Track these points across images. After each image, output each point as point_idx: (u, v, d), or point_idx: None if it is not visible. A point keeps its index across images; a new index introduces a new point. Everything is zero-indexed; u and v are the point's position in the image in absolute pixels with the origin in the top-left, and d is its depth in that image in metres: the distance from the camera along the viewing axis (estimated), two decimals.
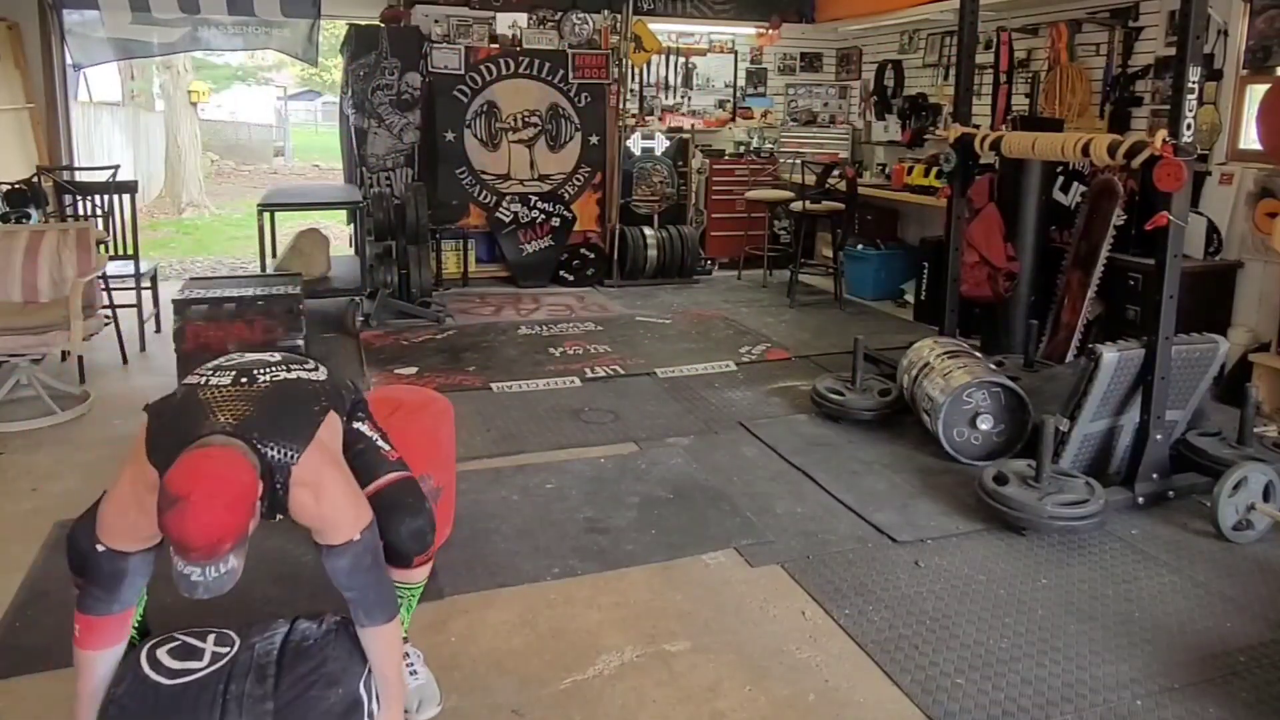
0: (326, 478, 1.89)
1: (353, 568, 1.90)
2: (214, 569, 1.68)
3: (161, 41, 6.61)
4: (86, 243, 4.42)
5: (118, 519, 1.85)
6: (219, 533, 1.65)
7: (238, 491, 1.70)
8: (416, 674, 2.28)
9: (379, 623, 1.93)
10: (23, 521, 3.15)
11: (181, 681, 1.84)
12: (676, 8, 7.71)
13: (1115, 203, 4.73)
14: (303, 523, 1.89)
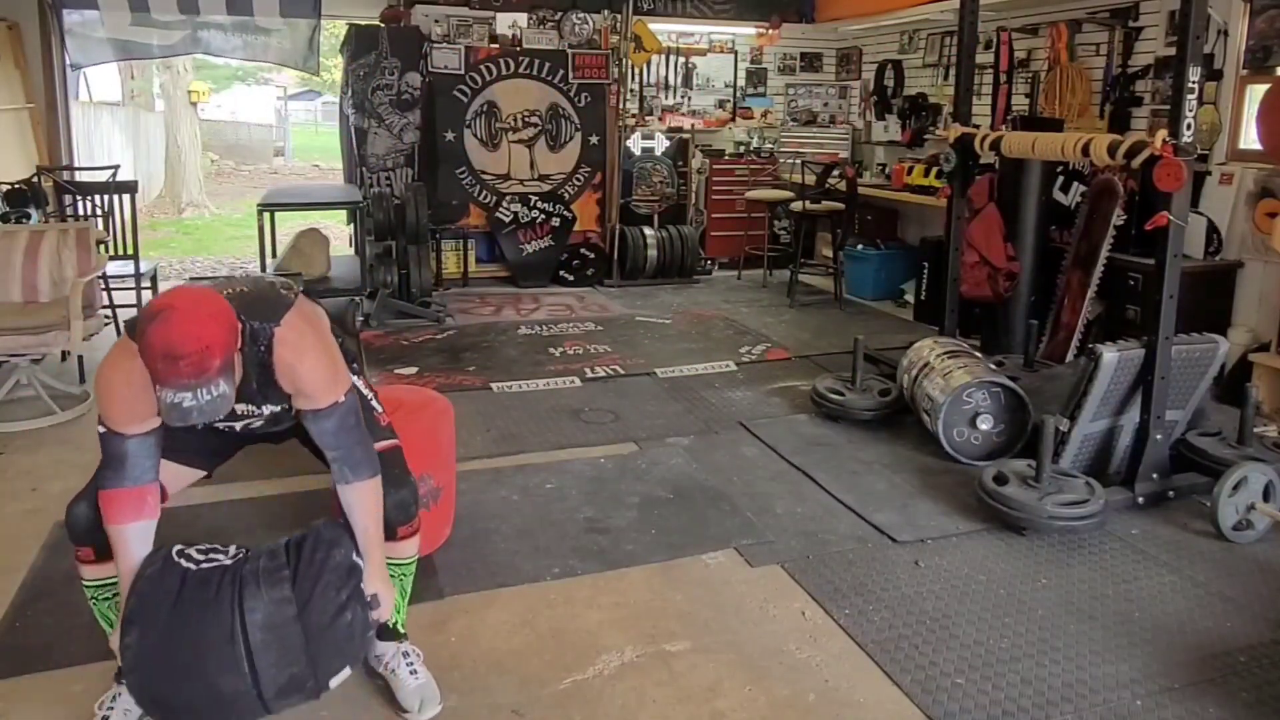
0: (309, 341, 1.99)
1: (338, 429, 2.02)
2: (205, 391, 1.69)
3: (161, 44, 6.61)
4: (86, 243, 4.42)
5: (110, 402, 1.92)
6: (205, 338, 1.67)
7: (220, 306, 1.77)
8: (417, 674, 2.28)
9: (363, 478, 2.06)
10: (23, 521, 3.15)
11: (206, 566, 1.96)
12: (676, 8, 7.71)
13: (1115, 203, 4.73)
14: (287, 387, 1.97)
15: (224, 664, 1.87)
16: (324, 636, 1.97)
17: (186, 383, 1.67)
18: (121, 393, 1.89)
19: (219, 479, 3.54)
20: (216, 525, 3.13)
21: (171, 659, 1.89)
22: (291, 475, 3.54)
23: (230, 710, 1.91)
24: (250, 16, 6.62)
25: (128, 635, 1.91)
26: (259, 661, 1.88)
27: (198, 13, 6.46)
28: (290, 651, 1.92)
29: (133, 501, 1.96)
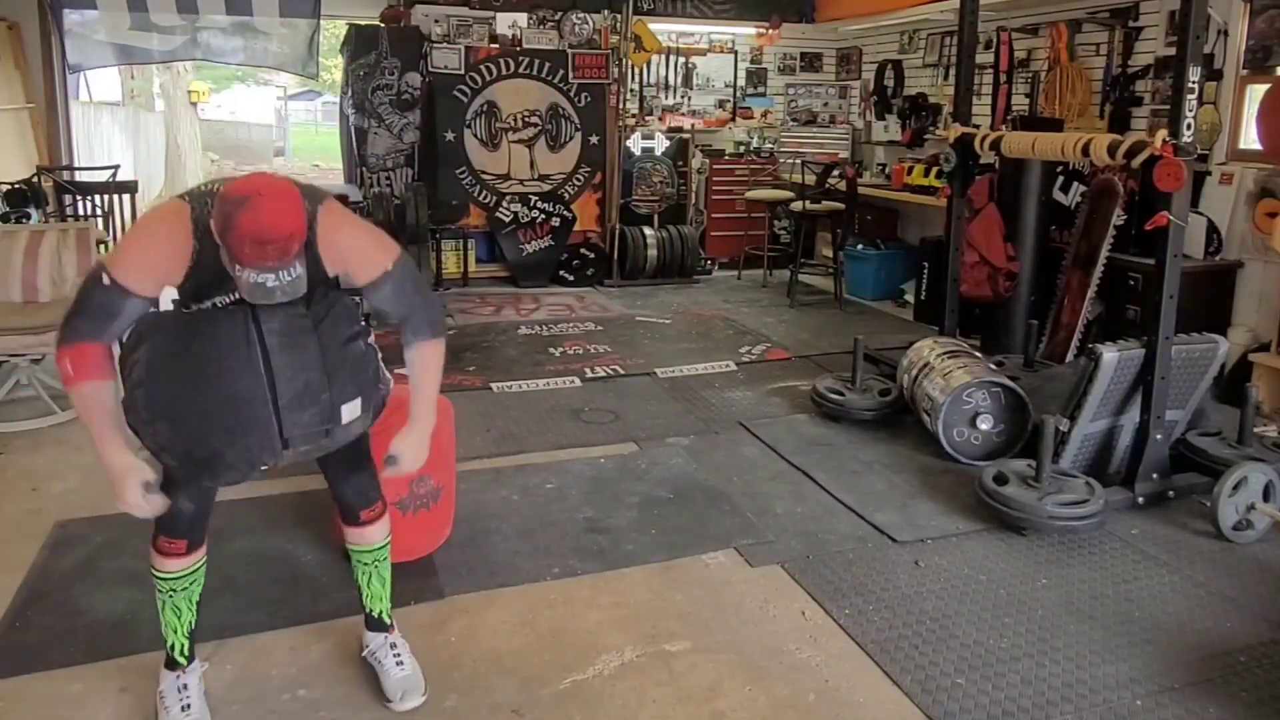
0: (349, 220, 2.03)
1: (396, 293, 2.08)
2: (286, 274, 1.77)
3: (161, 48, 6.60)
4: (86, 243, 4.42)
5: (136, 256, 1.88)
6: (291, 224, 1.76)
7: (297, 193, 1.83)
8: (403, 664, 2.30)
9: (425, 338, 2.17)
10: (23, 521, 3.15)
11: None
12: (676, 8, 7.71)
13: (1115, 203, 4.73)
14: (337, 266, 1.98)
15: (239, 364, 1.85)
16: (337, 355, 1.98)
17: (271, 265, 1.74)
18: (153, 252, 1.88)
19: None
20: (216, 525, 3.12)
21: (184, 364, 1.87)
22: (291, 475, 3.54)
23: (245, 412, 1.87)
24: (250, 16, 6.62)
25: (135, 352, 1.89)
26: (275, 362, 1.86)
27: (196, 12, 6.46)
28: (306, 358, 1.91)
29: (105, 357, 1.90)
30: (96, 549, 2.95)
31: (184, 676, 2.19)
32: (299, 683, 2.32)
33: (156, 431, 1.91)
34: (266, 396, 1.86)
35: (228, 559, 2.91)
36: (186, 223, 1.85)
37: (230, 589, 2.74)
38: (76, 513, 3.21)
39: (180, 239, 1.85)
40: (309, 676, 2.35)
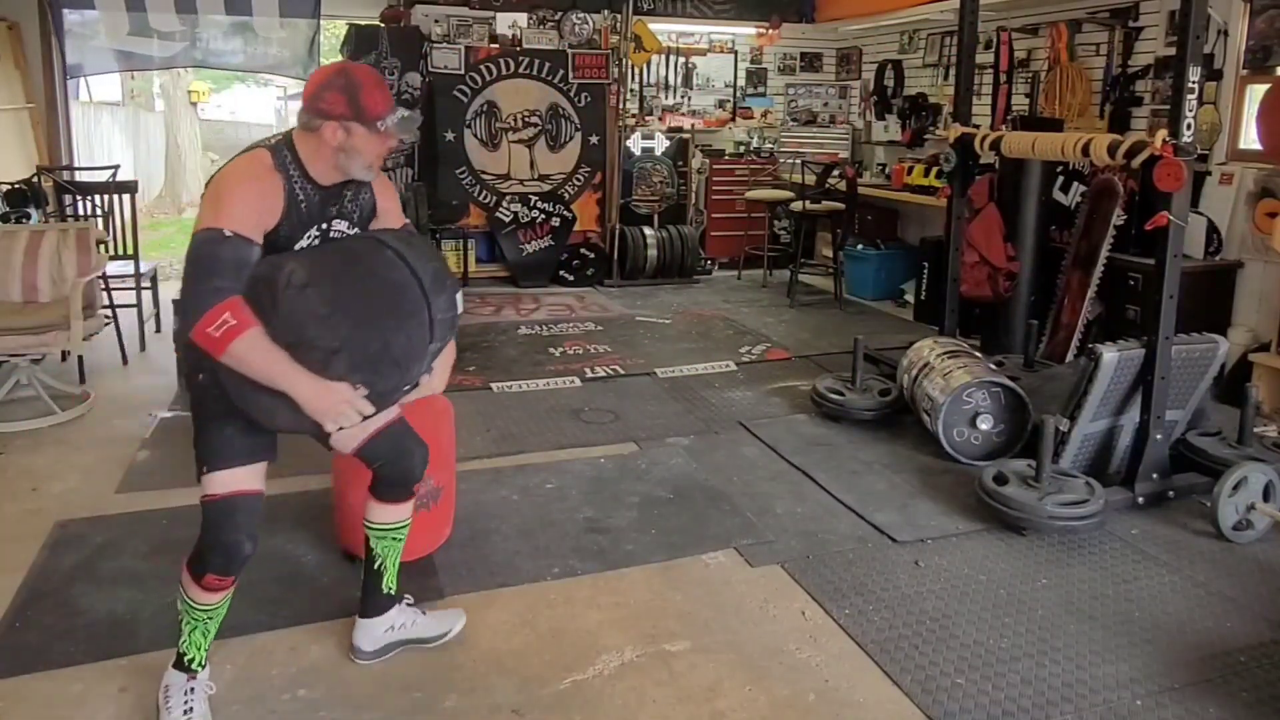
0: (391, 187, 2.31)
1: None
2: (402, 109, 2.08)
3: (161, 54, 6.60)
4: (86, 243, 4.41)
5: (245, 206, 1.93)
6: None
7: None
8: (426, 612, 2.47)
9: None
10: (23, 521, 3.15)
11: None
12: (676, 8, 7.71)
13: (1115, 203, 4.73)
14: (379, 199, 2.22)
15: (383, 259, 2.01)
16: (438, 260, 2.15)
17: (393, 102, 2.04)
18: (253, 198, 1.94)
19: None
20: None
21: (338, 266, 1.99)
22: (292, 475, 3.54)
23: (405, 296, 1.98)
24: (249, 17, 6.62)
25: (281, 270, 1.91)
26: (407, 255, 2.02)
27: (195, 12, 6.45)
28: (424, 248, 2.13)
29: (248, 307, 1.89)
30: (96, 549, 2.95)
31: (193, 682, 2.18)
32: (299, 683, 2.32)
33: (336, 325, 1.91)
34: (414, 281, 1.99)
35: None
36: (271, 167, 1.98)
37: None
38: (76, 513, 3.21)
39: (271, 181, 1.97)
40: (309, 676, 2.35)
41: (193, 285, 1.88)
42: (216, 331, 1.84)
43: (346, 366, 1.92)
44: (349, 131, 2.00)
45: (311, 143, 2.03)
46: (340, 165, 2.05)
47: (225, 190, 1.95)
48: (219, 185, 1.97)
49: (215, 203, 1.93)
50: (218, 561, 2.04)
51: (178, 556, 2.87)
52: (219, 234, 1.88)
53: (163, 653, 2.40)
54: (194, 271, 1.89)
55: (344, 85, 1.99)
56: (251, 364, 1.88)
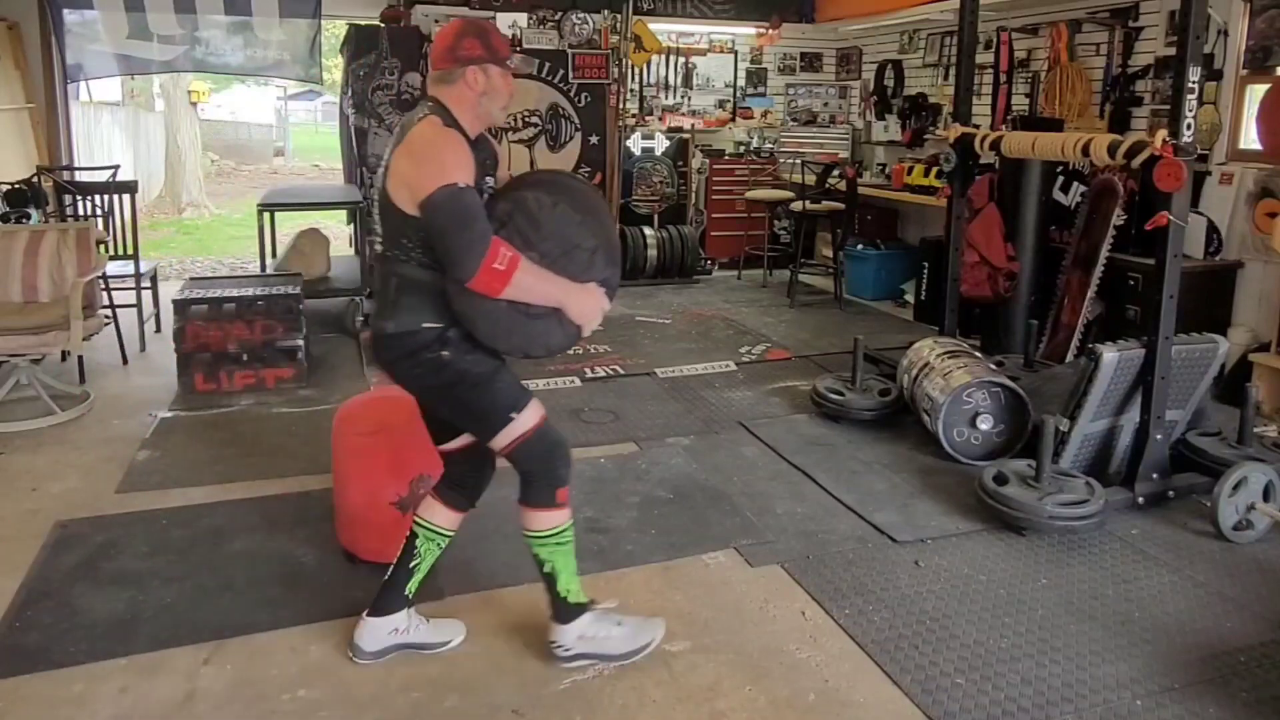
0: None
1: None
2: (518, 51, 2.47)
3: (161, 58, 6.59)
4: (86, 243, 4.42)
5: (459, 160, 2.10)
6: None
7: None
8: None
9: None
10: (23, 521, 3.15)
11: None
12: (676, 8, 7.71)
13: (1115, 203, 4.73)
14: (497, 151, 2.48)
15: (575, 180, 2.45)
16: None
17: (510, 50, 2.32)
18: (462, 154, 2.12)
19: (219, 479, 3.55)
20: (216, 525, 3.14)
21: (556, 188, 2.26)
22: (292, 475, 3.55)
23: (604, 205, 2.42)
24: (249, 16, 6.62)
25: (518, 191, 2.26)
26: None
27: (194, 12, 6.45)
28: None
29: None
30: (96, 549, 2.95)
31: (592, 608, 2.41)
32: (299, 683, 2.32)
33: (590, 227, 2.22)
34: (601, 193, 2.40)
35: (228, 559, 2.91)
36: (447, 126, 2.15)
37: (230, 589, 2.74)
38: (76, 513, 3.21)
39: (459, 138, 2.15)
40: (309, 676, 2.35)
41: (457, 236, 2.03)
42: (501, 265, 2.04)
43: (604, 261, 2.23)
44: (488, 74, 2.22)
45: (456, 94, 2.21)
46: (482, 111, 2.26)
47: (435, 153, 2.10)
48: (426, 152, 2.10)
49: (434, 165, 2.07)
50: (564, 471, 2.31)
51: (178, 556, 2.90)
52: (456, 187, 2.05)
53: (164, 652, 2.41)
54: (453, 224, 2.04)
55: (476, 31, 2.22)
56: (531, 286, 2.11)
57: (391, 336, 2.21)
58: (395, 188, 2.14)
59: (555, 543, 2.34)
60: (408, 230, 2.15)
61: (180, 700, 2.24)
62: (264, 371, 4.54)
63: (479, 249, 2.02)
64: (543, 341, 2.21)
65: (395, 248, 2.20)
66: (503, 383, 2.24)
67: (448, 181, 2.04)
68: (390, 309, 2.21)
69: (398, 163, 2.14)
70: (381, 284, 2.26)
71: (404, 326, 2.19)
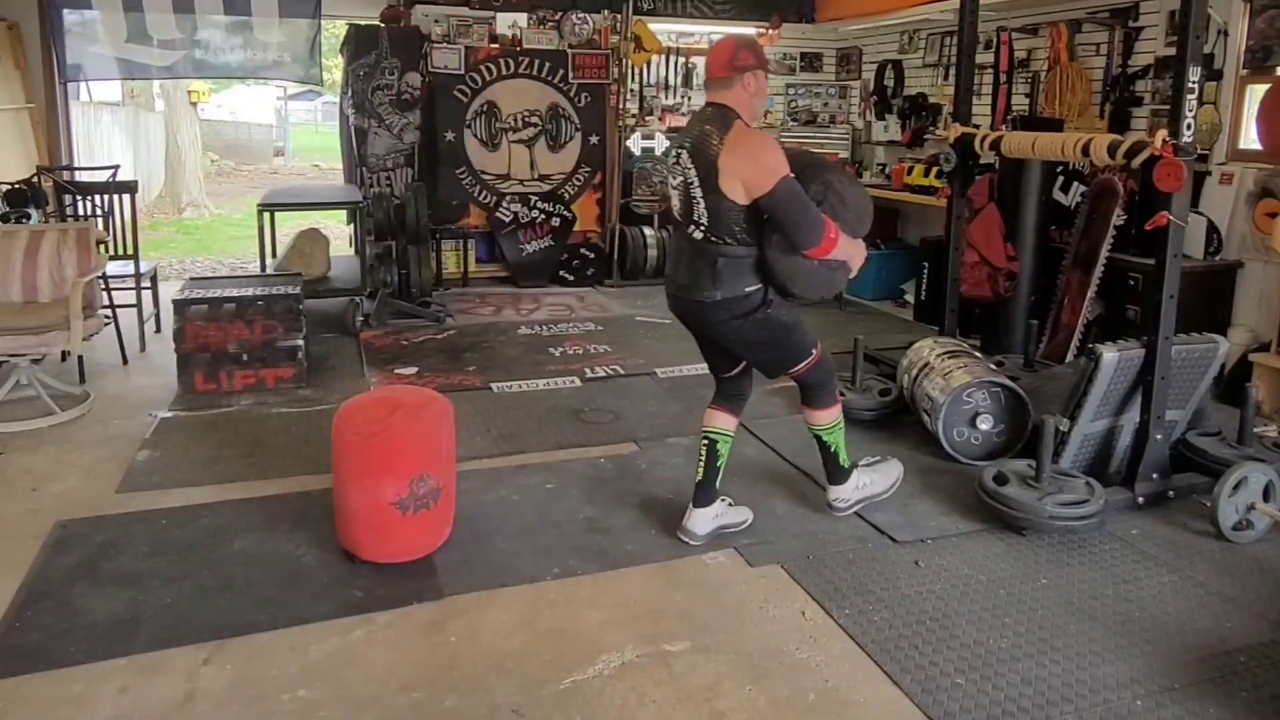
0: None
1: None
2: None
3: (160, 64, 6.59)
4: (86, 243, 4.42)
5: (781, 156, 2.72)
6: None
7: None
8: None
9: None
10: (23, 521, 3.15)
11: None
12: (676, 8, 7.71)
13: (1115, 203, 4.73)
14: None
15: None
16: None
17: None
18: (780, 148, 2.76)
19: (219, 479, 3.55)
20: (216, 525, 3.14)
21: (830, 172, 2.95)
22: (292, 475, 3.55)
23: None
24: (249, 16, 6.62)
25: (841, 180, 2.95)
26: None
27: (194, 12, 6.45)
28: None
29: None
30: (96, 549, 2.95)
31: (859, 463, 3.27)
32: (299, 683, 2.32)
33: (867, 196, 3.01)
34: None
35: (228, 559, 2.91)
36: (761, 130, 2.60)
37: (230, 589, 2.74)
38: (76, 513, 3.21)
39: (772, 137, 2.87)
40: (309, 676, 2.35)
41: (802, 218, 2.69)
42: (834, 234, 2.74)
43: (867, 222, 2.97)
44: (758, 78, 2.78)
45: (735, 96, 2.78)
46: (754, 109, 2.84)
47: (766, 152, 2.70)
48: (758, 153, 2.70)
49: (769, 162, 2.68)
50: (833, 377, 3.09)
51: (178, 556, 2.90)
52: (790, 179, 2.67)
53: (164, 652, 2.41)
54: (799, 206, 2.69)
55: (748, 44, 2.81)
56: (842, 248, 2.80)
57: (719, 303, 2.84)
58: (729, 185, 2.69)
59: (837, 428, 3.13)
60: (737, 217, 2.74)
61: (180, 700, 2.24)
62: (264, 371, 4.55)
63: (819, 226, 2.69)
64: (835, 287, 2.99)
65: (721, 233, 2.77)
66: (803, 326, 2.99)
67: (784, 175, 2.66)
68: (712, 281, 2.81)
69: (730, 162, 2.68)
70: (697, 263, 2.84)
71: (730, 293, 2.81)
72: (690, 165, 2.76)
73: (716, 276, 2.79)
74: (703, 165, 2.72)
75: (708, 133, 2.72)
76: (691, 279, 2.86)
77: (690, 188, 2.77)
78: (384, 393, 3.31)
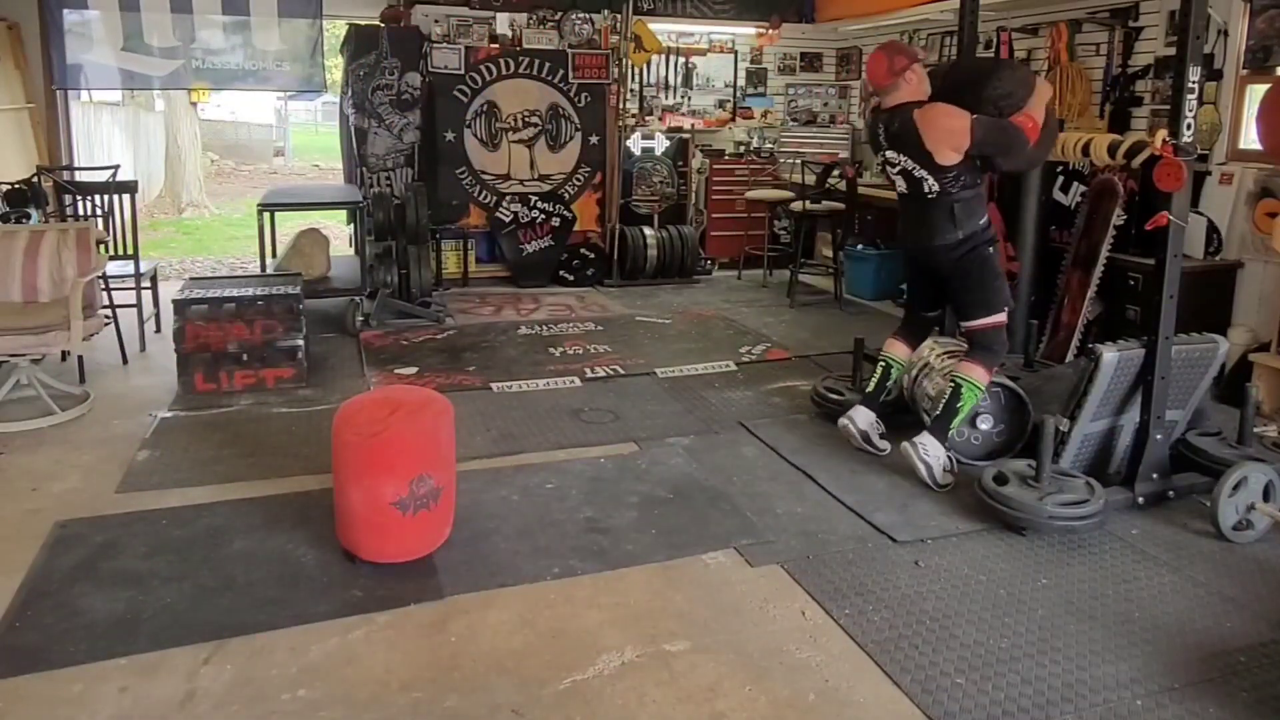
0: None
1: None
2: None
3: (160, 74, 6.59)
4: (86, 243, 4.42)
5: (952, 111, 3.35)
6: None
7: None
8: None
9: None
10: (23, 521, 3.15)
11: None
12: (676, 8, 7.71)
13: (1115, 203, 4.73)
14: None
15: None
16: None
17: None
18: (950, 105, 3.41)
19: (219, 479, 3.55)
20: (216, 525, 3.14)
21: None
22: (292, 475, 3.55)
23: None
24: (247, 16, 6.61)
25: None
26: None
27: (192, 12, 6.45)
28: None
29: None
30: (96, 549, 2.95)
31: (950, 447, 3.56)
32: (299, 683, 2.32)
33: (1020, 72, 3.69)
34: None
35: (228, 559, 2.91)
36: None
37: (230, 589, 2.74)
38: (76, 513, 3.21)
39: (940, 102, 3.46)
40: (309, 676, 2.35)
41: (1004, 137, 3.32)
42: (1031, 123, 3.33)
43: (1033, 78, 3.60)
44: (916, 72, 3.41)
45: (907, 92, 3.43)
46: (924, 91, 3.44)
47: (948, 117, 3.33)
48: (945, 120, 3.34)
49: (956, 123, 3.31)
50: (1003, 351, 3.56)
51: (178, 556, 2.90)
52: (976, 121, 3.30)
53: (164, 652, 2.41)
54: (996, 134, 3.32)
55: (897, 49, 3.46)
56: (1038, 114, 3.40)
57: (960, 240, 3.48)
58: (943, 156, 3.34)
59: (975, 390, 3.47)
60: (955, 173, 3.37)
61: (180, 700, 2.24)
62: (264, 371, 4.55)
63: (1018, 133, 3.30)
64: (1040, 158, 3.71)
65: (948, 187, 3.40)
66: (1006, 286, 3.58)
67: (969, 126, 3.28)
68: (953, 224, 3.45)
69: (933, 142, 3.33)
70: (935, 215, 3.47)
71: (969, 230, 3.47)
72: (905, 158, 3.44)
73: (955, 220, 3.43)
74: (916, 155, 3.39)
75: (902, 130, 3.39)
76: (933, 230, 3.50)
77: (913, 172, 3.44)
78: (384, 393, 3.31)
